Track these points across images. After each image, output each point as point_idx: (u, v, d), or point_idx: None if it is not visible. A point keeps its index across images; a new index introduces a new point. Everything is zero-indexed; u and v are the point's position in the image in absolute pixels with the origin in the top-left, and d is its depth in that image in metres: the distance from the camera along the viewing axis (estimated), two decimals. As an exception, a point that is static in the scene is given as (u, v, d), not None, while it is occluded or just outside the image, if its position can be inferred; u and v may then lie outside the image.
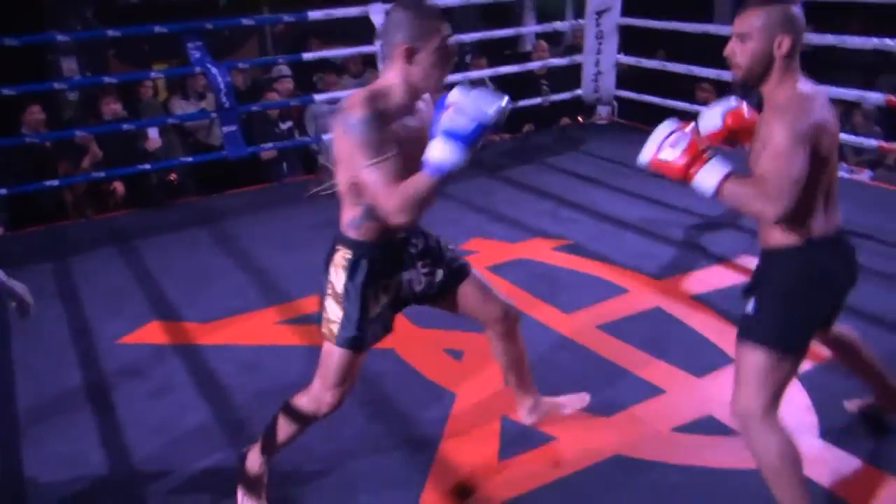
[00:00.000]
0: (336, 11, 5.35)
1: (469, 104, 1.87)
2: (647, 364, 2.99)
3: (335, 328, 2.13)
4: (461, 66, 6.70)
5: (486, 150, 6.02)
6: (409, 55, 1.97)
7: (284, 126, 5.75)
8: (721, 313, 3.33)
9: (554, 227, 4.42)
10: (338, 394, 2.18)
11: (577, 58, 6.43)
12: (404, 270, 2.24)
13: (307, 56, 5.70)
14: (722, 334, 3.16)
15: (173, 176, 5.37)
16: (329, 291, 2.14)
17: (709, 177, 1.91)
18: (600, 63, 6.24)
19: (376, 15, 5.30)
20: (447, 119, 1.86)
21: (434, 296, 2.32)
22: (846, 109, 5.63)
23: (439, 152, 1.87)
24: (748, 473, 2.38)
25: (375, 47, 5.46)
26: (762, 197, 1.84)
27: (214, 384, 3.02)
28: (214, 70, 4.99)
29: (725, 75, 5.61)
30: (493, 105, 1.88)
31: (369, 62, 6.06)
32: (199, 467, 2.53)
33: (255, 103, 5.50)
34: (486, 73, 6.25)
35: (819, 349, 2.94)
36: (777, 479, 2.00)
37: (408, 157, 1.94)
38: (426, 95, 2.09)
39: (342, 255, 2.11)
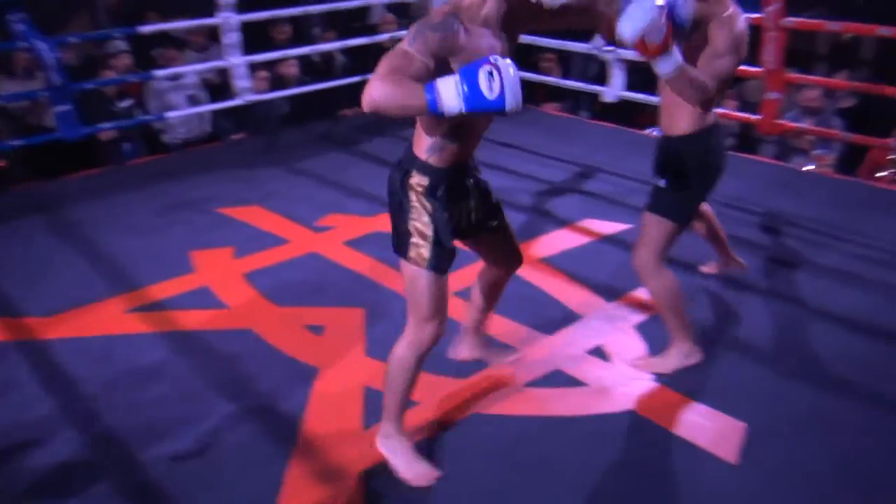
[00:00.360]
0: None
1: None
2: (500, 326, 3.12)
3: (425, 252, 2.13)
4: (308, 40, 6.60)
5: (338, 124, 5.99)
6: None
7: (123, 104, 5.47)
8: (568, 273, 3.53)
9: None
10: (436, 324, 2.19)
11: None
12: (469, 199, 2.27)
13: (144, 29, 5.43)
14: (568, 293, 3.35)
15: (1, 162, 4.99)
16: (413, 216, 2.13)
17: (671, 60, 2.24)
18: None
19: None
20: None
21: (474, 230, 2.36)
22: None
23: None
24: (593, 419, 2.58)
25: (219, 19, 5.28)
26: (697, 84, 2.30)
27: (62, 378, 2.89)
28: (42, 45, 4.65)
29: (567, 45, 5.87)
30: None
31: (214, 35, 5.85)
32: (48, 461, 2.43)
33: (90, 81, 5.19)
34: (335, 45, 6.20)
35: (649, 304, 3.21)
36: (669, 309, 2.70)
37: None
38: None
39: (418, 181, 2.12)
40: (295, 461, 2.40)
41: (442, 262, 2.16)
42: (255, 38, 5.84)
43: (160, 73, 5.41)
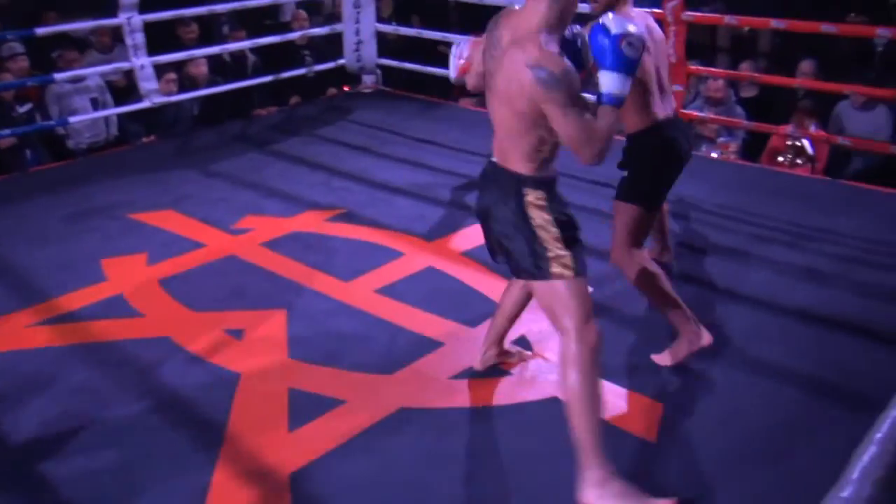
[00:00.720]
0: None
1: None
2: (424, 321, 3.14)
3: (569, 261, 2.12)
4: (218, 38, 6.46)
5: (252, 124, 5.89)
6: None
7: (22, 109, 5.23)
8: (487, 266, 3.56)
9: (327, 197, 4.45)
10: (595, 324, 2.14)
11: (337, 27, 6.44)
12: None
13: (42, 31, 5.20)
14: (490, 285, 3.39)
15: None
16: (544, 235, 2.12)
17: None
18: (360, 32, 6.30)
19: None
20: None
21: None
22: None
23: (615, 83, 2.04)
24: (518, 407, 2.63)
25: (120, 19, 5.11)
26: None
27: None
28: (-72, 49, 4.40)
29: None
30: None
31: (120, 36, 5.64)
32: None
33: (-16, 85, 4.94)
34: (246, 44, 6.08)
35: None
36: (655, 295, 2.78)
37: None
38: None
39: (536, 197, 2.13)
40: (221, 467, 2.35)
41: (583, 261, 2.17)
42: (162, 38, 5.67)
43: (60, 76, 5.19)
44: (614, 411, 2.57)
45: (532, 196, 2.13)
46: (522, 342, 2.99)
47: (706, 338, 2.79)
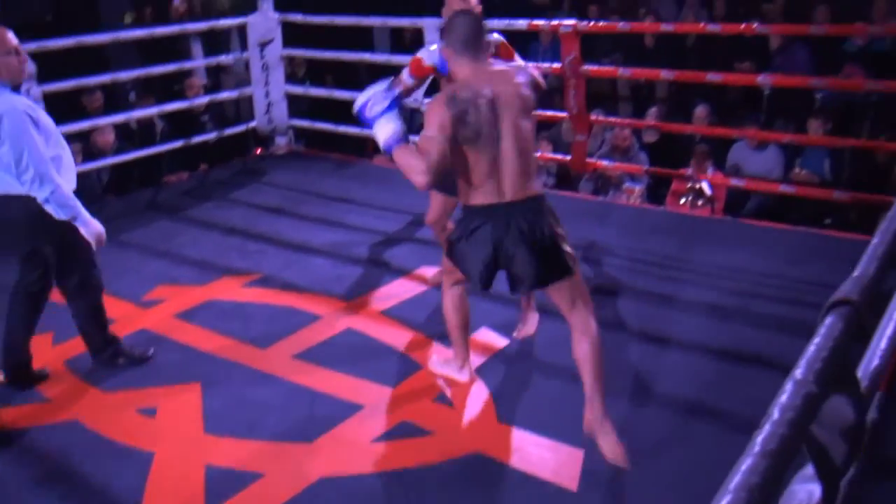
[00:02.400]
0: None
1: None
2: (344, 384, 3.12)
3: (575, 255, 2.59)
4: (124, 106, 6.37)
5: (162, 191, 5.79)
6: None
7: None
8: (408, 323, 3.58)
9: (242, 262, 4.39)
10: None
11: (247, 90, 6.44)
12: None
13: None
14: (410, 344, 3.40)
15: None
16: (564, 234, 2.58)
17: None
18: (270, 94, 6.32)
19: None
20: None
21: None
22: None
23: None
24: (441, 466, 2.62)
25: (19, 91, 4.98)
26: None
27: None
28: None
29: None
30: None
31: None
32: None
33: None
34: (152, 110, 6.01)
35: (493, 344, 3.33)
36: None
37: None
38: None
39: (551, 206, 2.58)
40: (133, 556, 2.26)
41: None
42: (66, 107, 5.55)
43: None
44: (538, 463, 2.59)
45: (549, 205, 2.59)
46: (442, 399, 2.99)
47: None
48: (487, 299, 3.49)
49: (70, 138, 5.32)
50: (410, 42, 8.23)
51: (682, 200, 5.32)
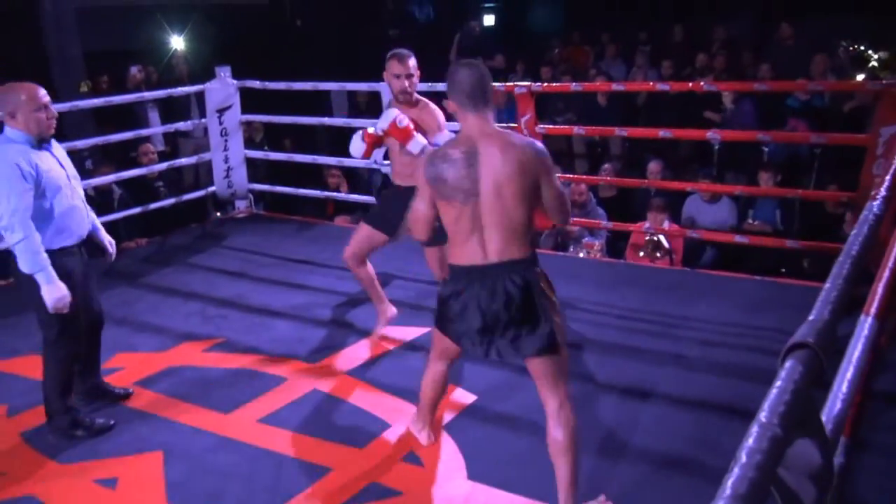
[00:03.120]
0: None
1: None
2: (311, 447, 3.06)
3: (563, 329, 2.46)
4: (81, 174, 6.30)
5: (120, 257, 5.69)
6: None
7: None
8: (375, 384, 3.55)
9: (203, 327, 4.33)
10: None
11: (205, 156, 6.45)
12: None
13: None
14: (377, 404, 3.36)
15: None
16: (556, 304, 2.46)
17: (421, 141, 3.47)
18: (229, 159, 6.33)
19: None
20: None
21: None
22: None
23: None
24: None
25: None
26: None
27: None
28: None
29: (347, 162, 6.08)
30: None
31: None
32: None
33: None
34: (109, 178, 5.96)
35: (461, 400, 3.31)
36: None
37: None
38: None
39: (542, 272, 2.45)
40: None
41: None
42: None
43: None
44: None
45: (540, 272, 2.45)
46: (412, 458, 2.95)
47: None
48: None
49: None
50: (367, 106, 8.37)
51: (642, 253, 5.42)
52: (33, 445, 3.18)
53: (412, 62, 3.54)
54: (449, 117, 3.01)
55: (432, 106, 3.61)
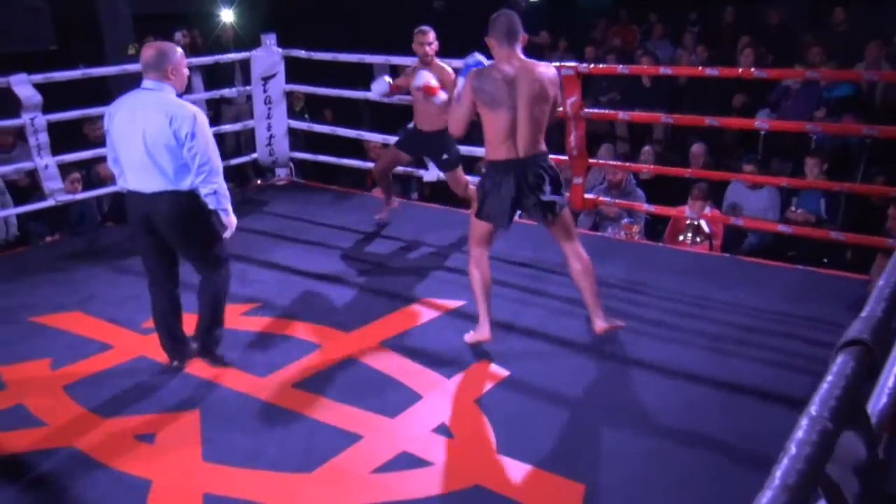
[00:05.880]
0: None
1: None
2: (343, 414, 3.11)
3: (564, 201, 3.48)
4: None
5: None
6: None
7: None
8: (408, 354, 3.58)
9: (242, 290, 4.39)
10: None
11: (249, 123, 6.50)
12: None
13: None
14: (410, 374, 3.40)
15: None
16: (562, 183, 3.45)
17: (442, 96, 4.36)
18: (272, 128, 6.38)
19: (19, 86, 4.90)
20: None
21: None
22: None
23: None
24: (441, 498, 2.61)
25: (23, 119, 5.02)
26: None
27: None
28: None
29: (391, 137, 6.09)
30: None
31: (22, 135, 5.53)
32: None
33: None
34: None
35: (493, 375, 3.33)
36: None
37: None
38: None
39: (552, 163, 3.44)
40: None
41: None
42: (69, 136, 5.60)
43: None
44: (538, 496, 2.58)
45: (552, 163, 3.41)
46: (443, 430, 2.98)
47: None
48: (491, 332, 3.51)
49: (72, 167, 5.40)
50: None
51: (682, 237, 5.36)
52: (76, 398, 3.27)
53: (431, 35, 4.79)
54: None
55: (445, 66, 4.73)
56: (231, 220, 3.49)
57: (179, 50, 3.27)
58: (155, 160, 3.16)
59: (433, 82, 4.42)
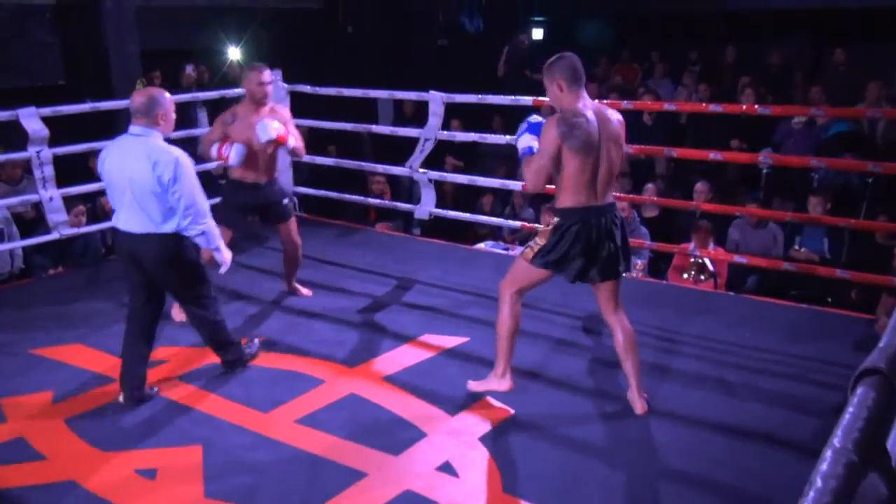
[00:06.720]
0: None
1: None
2: (346, 450, 3.07)
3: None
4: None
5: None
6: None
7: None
8: (412, 391, 3.55)
9: (244, 325, 4.38)
10: None
11: (253, 157, 6.53)
12: None
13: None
14: (414, 411, 3.37)
15: None
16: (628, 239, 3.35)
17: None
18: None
19: (27, 119, 4.93)
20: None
21: None
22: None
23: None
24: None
25: (29, 153, 5.05)
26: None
27: None
28: None
29: (394, 170, 6.12)
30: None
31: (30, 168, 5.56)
32: None
33: None
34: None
35: (498, 413, 3.30)
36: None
37: None
38: None
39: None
40: None
41: None
42: (74, 169, 5.63)
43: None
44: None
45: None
46: (447, 468, 2.95)
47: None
48: (489, 369, 3.49)
49: (78, 200, 5.42)
50: (413, 115, 8.42)
51: (686, 275, 5.35)
52: (76, 432, 3.24)
53: (268, 73, 4.37)
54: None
55: (276, 105, 4.54)
56: (224, 257, 3.50)
57: (168, 95, 3.32)
58: (142, 206, 3.24)
59: (282, 129, 4.27)
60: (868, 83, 6.80)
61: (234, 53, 9.31)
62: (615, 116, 3.18)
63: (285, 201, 4.63)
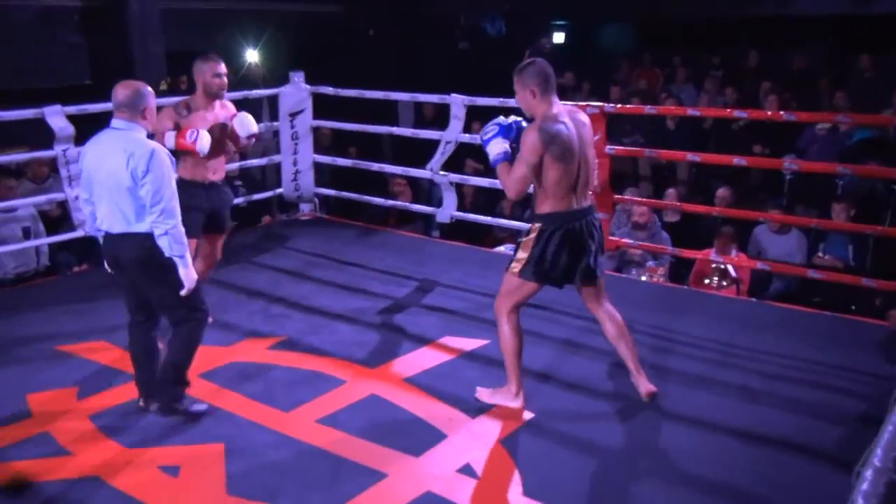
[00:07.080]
0: (8, 114, 4.94)
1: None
2: (367, 451, 3.08)
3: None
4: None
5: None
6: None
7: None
8: (432, 392, 3.56)
9: (266, 325, 4.41)
10: None
11: (275, 158, 6.58)
12: None
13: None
14: (434, 413, 3.37)
15: None
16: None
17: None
18: (298, 163, 6.45)
19: (53, 117, 4.99)
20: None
21: None
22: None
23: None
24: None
25: (55, 151, 5.11)
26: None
27: None
28: None
29: (413, 172, 6.14)
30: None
31: (55, 166, 5.63)
32: None
33: None
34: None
35: (519, 416, 3.30)
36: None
37: None
38: None
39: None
40: None
41: None
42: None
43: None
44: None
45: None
46: (467, 470, 2.95)
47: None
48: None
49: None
50: (434, 117, 8.42)
51: (707, 281, 5.32)
52: (101, 428, 3.27)
53: (223, 66, 4.17)
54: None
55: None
56: (189, 273, 3.15)
57: (151, 90, 3.18)
58: (117, 203, 3.08)
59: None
60: (894, 89, 6.73)
61: (252, 56, 9.37)
62: (586, 119, 3.22)
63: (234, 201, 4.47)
